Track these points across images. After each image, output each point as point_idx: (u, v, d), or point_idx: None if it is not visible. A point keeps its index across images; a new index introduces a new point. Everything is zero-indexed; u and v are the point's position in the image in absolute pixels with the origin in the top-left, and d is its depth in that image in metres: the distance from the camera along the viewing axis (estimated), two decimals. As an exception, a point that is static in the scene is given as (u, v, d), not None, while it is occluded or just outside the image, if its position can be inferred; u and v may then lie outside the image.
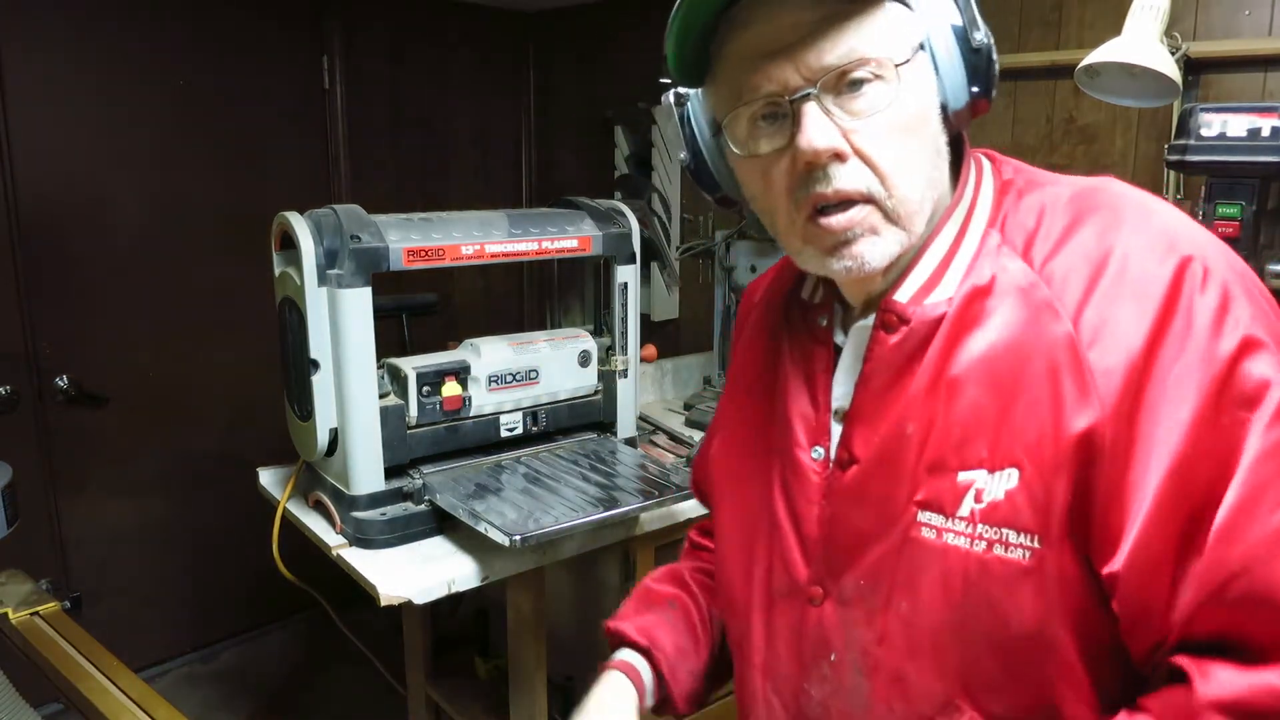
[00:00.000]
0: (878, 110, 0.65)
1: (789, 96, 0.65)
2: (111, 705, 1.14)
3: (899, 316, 0.70)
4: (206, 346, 2.60)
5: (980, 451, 0.65)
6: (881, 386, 0.71)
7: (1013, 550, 0.64)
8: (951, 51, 0.68)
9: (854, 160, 0.65)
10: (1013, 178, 0.74)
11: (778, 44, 0.65)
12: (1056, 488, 0.62)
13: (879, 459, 0.71)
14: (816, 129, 0.64)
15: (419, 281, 2.28)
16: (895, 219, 0.67)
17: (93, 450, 2.45)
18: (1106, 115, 2.10)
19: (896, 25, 0.66)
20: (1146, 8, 1.71)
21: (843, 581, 0.73)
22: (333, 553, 1.43)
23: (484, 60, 3.15)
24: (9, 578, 1.47)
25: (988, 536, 0.65)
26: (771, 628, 0.80)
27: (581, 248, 1.61)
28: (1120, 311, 0.62)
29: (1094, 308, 0.63)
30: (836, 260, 0.68)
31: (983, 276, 0.68)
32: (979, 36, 0.68)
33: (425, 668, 2.08)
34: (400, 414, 1.46)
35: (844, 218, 0.66)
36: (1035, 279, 0.66)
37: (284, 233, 1.41)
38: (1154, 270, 0.62)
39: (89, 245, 2.38)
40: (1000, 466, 0.64)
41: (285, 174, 2.71)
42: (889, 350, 0.71)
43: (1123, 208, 0.67)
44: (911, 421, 0.69)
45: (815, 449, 0.76)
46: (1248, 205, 1.60)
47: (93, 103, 2.34)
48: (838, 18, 0.64)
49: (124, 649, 1.32)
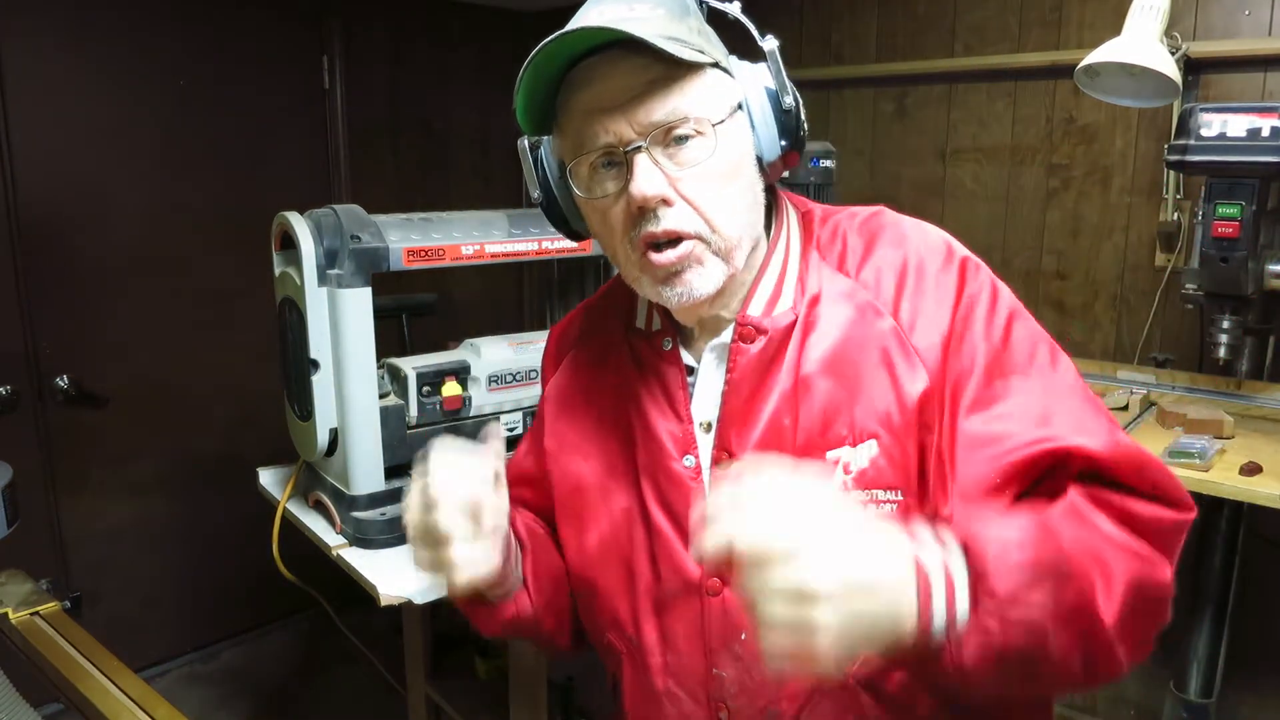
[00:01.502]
0: (699, 161, 0.76)
1: (623, 148, 0.76)
2: (111, 705, 1.14)
3: (755, 328, 0.82)
4: (206, 346, 2.60)
5: (841, 430, 0.78)
6: (749, 391, 0.82)
7: (882, 506, 0.77)
8: (764, 112, 0.80)
9: (680, 204, 0.76)
10: (810, 210, 0.89)
11: (613, 102, 0.75)
12: (908, 447, 0.77)
13: (761, 451, 0.81)
14: (645, 178, 0.75)
15: (419, 281, 2.28)
16: (719, 253, 0.78)
17: (93, 450, 2.45)
18: (1106, 115, 2.10)
19: (716, 88, 0.77)
20: (1146, 8, 1.71)
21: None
22: (333, 553, 1.43)
23: (484, 60, 3.15)
24: (9, 578, 1.47)
25: (859, 499, 0.77)
26: (668, 629, 0.86)
27: (581, 248, 1.61)
28: (928, 304, 0.79)
29: (908, 302, 0.79)
30: (669, 289, 0.79)
31: (814, 287, 0.82)
32: (788, 100, 0.80)
33: (425, 668, 2.08)
34: (400, 414, 1.46)
35: (673, 254, 0.77)
36: (854, 285, 0.82)
37: (284, 233, 1.41)
38: (943, 272, 0.80)
39: (89, 245, 2.38)
40: (860, 440, 0.78)
41: (285, 174, 2.71)
42: (752, 359, 0.82)
43: (902, 226, 0.85)
44: (785, 415, 0.80)
45: (686, 458, 0.84)
46: (1247, 205, 1.60)
47: (93, 103, 2.34)
48: (664, 82, 0.75)
49: (124, 649, 1.31)
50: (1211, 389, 1.92)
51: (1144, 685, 2.19)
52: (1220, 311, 1.72)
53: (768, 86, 0.81)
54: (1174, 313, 2.08)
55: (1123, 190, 2.13)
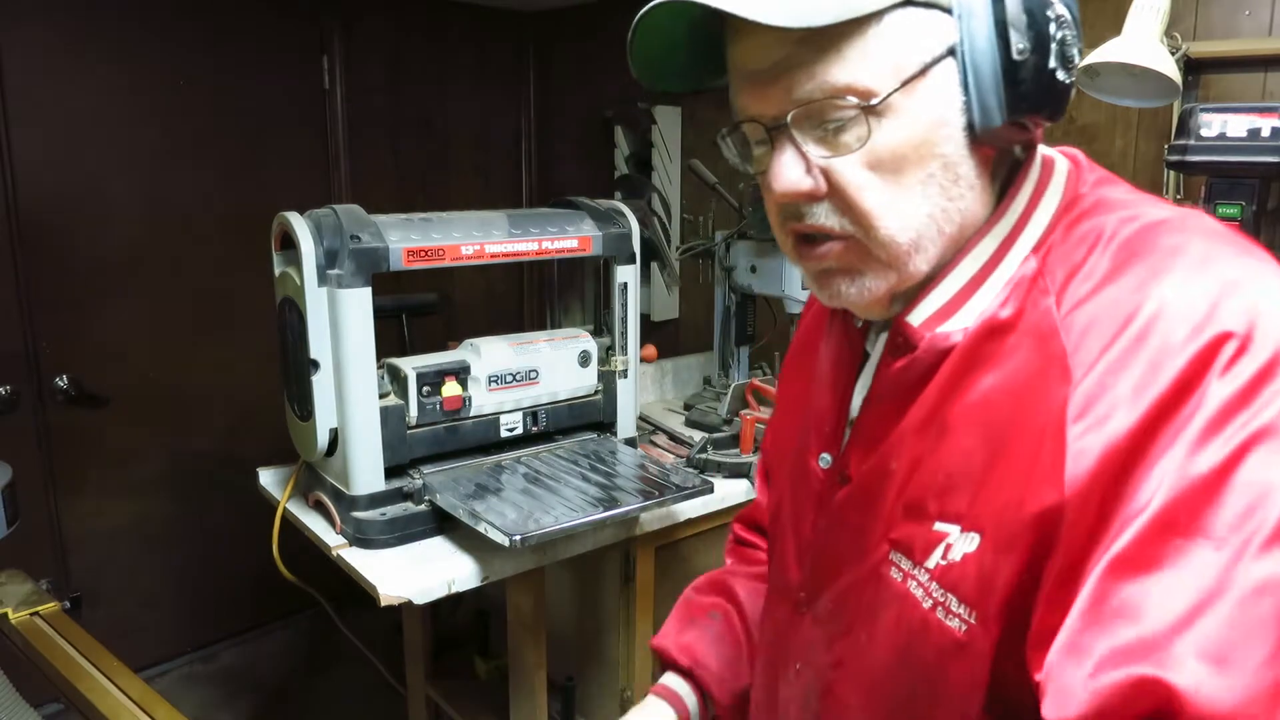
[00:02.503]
0: (856, 147, 0.58)
1: (767, 125, 0.61)
2: (111, 705, 1.14)
3: (906, 341, 0.63)
4: (206, 346, 2.60)
5: (960, 504, 0.59)
6: (883, 411, 0.66)
7: (951, 618, 0.59)
8: (981, 63, 0.57)
9: (828, 200, 0.60)
10: (1086, 193, 0.63)
11: (755, 66, 0.59)
12: (1004, 565, 0.56)
13: (864, 486, 0.67)
14: (785, 168, 0.60)
15: (419, 281, 2.28)
16: (879, 259, 0.61)
17: (93, 450, 2.45)
18: (1106, 115, 2.10)
19: (898, 40, 0.56)
20: (1146, 8, 1.71)
21: (820, 597, 0.73)
22: (333, 553, 1.43)
23: (484, 60, 3.14)
24: (9, 578, 1.47)
25: (936, 596, 0.60)
26: (772, 616, 0.81)
27: (581, 248, 1.61)
28: (1121, 384, 0.51)
29: (1097, 373, 0.53)
30: (819, 289, 0.65)
31: (1006, 311, 0.59)
32: (1019, 42, 0.56)
33: (425, 668, 2.08)
34: (400, 414, 1.46)
35: (820, 250, 0.62)
36: (1056, 326, 0.56)
37: (284, 233, 1.41)
38: (1177, 340, 0.51)
39: (89, 245, 2.37)
40: (972, 527, 0.58)
41: (285, 174, 2.71)
42: (892, 375, 0.65)
43: (1183, 251, 0.55)
44: (896, 458, 0.64)
45: (823, 455, 0.72)
46: (1248, 205, 1.60)
47: (93, 103, 2.34)
48: (816, 41, 0.56)
49: (124, 649, 1.31)
50: (1211, 389, 1.92)
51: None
52: (1220, 311, 1.71)
53: (989, 26, 0.56)
54: (1174, 313, 2.07)
55: (1123, 190, 2.12)
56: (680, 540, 1.71)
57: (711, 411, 2.06)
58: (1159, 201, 0.62)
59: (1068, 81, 0.59)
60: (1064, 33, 0.58)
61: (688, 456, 1.80)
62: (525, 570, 1.47)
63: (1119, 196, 0.62)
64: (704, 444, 1.81)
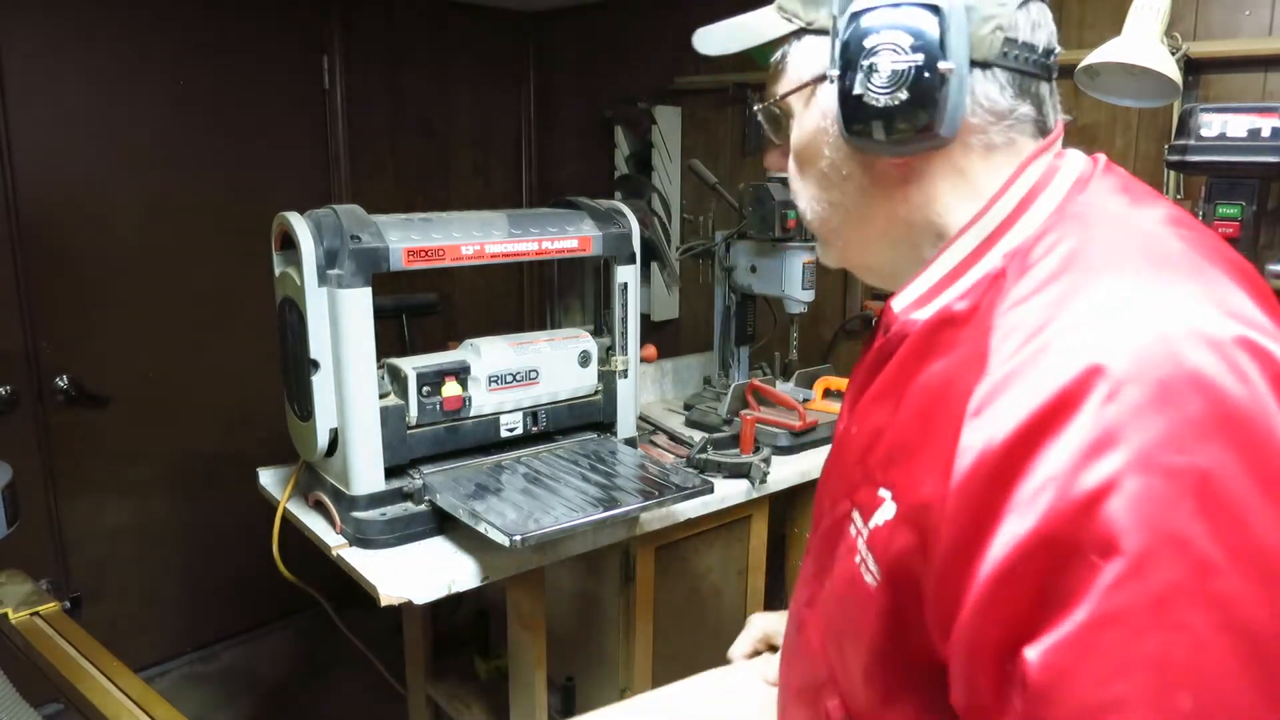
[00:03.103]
0: (786, 142, 0.76)
1: None
2: (111, 705, 1.14)
3: (885, 322, 0.70)
4: (206, 346, 2.60)
5: (895, 475, 0.62)
6: (862, 382, 0.74)
7: (868, 574, 0.63)
8: (836, 85, 0.67)
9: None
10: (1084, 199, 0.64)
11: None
12: (900, 538, 0.59)
13: (840, 446, 0.78)
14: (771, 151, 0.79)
15: (419, 281, 2.28)
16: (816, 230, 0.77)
17: (93, 450, 2.45)
18: (1106, 115, 2.10)
19: (794, 65, 0.72)
20: (1146, 8, 1.71)
21: (811, 540, 0.81)
22: (333, 553, 1.43)
23: (484, 60, 3.15)
24: (9, 578, 1.47)
25: (863, 553, 0.64)
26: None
27: (581, 248, 1.61)
28: (1012, 391, 0.52)
29: (1000, 375, 0.54)
30: None
31: (962, 305, 0.63)
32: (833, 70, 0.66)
33: (425, 668, 2.08)
34: (400, 414, 1.46)
35: None
36: (993, 324, 0.57)
37: (284, 233, 1.41)
38: (1063, 362, 0.51)
39: (89, 245, 2.38)
40: (895, 498, 0.61)
41: (285, 174, 2.71)
42: (873, 350, 0.72)
43: (1113, 264, 0.56)
44: (860, 424, 0.71)
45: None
46: (1248, 205, 1.60)
47: (93, 102, 2.34)
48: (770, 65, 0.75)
49: (124, 649, 1.32)
50: (1211, 389, 1.92)
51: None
52: (1220, 311, 1.71)
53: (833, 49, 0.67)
54: (1174, 313, 2.07)
55: (1123, 190, 2.12)
56: (680, 540, 1.71)
57: (711, 411, 2.06)
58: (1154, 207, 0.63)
59: (880, 104, 0.64)
60: (873, 60, 0.64)
61: (688, 456, 1.80)
62: (525, 570, 1.47)
63: (1107, 207, 0.63)
64: (704, 444, 1.81)
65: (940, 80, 0.62)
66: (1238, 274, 0.57)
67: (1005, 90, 0.65)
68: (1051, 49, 0.67)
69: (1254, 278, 0.59)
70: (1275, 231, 1.72)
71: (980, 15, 0.63)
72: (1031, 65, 0.65)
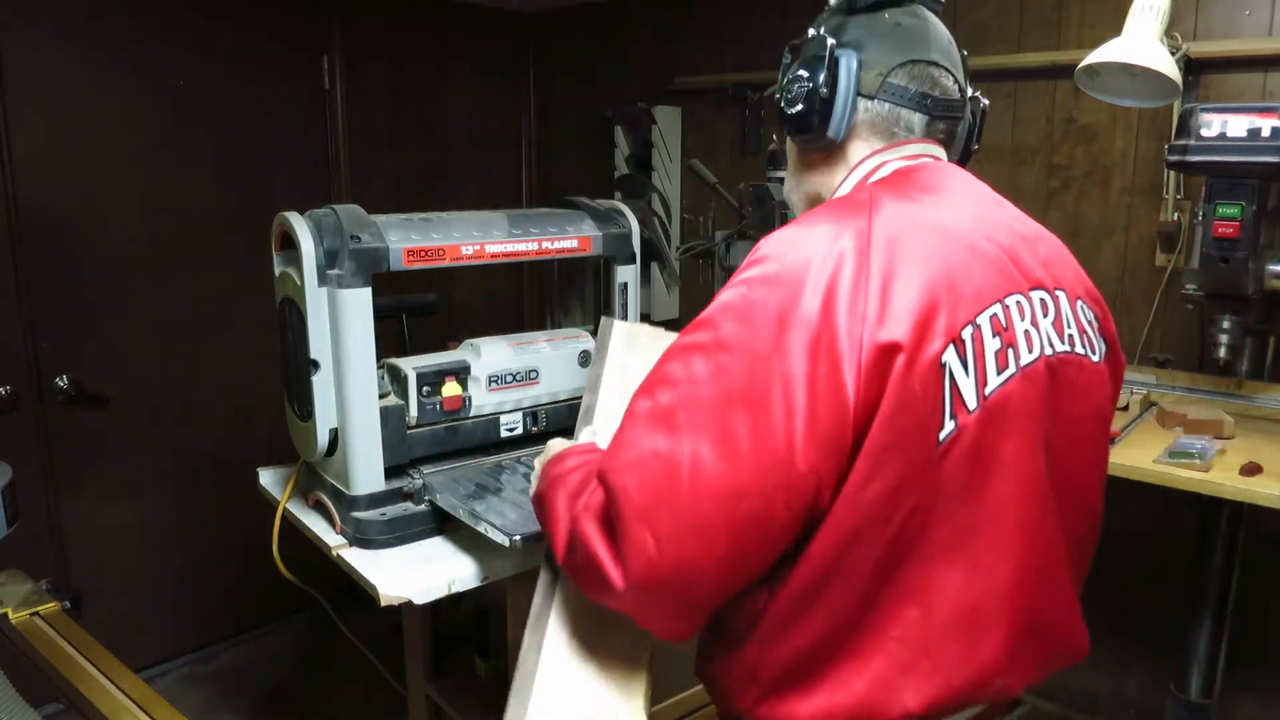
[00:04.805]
0: None
1: None
2: (111, 705, 1.14)
3: None
4: (207, 346, 2.60)
5: None
6: None
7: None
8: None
9: None
10: (867, 182, 0.97)
11: None
12: None
13: None
14: None
15: (419, 281, 2.28)
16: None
17: (93, 450, 2.45)
18: (1106, 115, 2.10)
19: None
20: (1146, 8, 1.71)
21: None
22: (333, 553, 1.43)
23: (484, 60, 3.15)
24: (9, 578, 1.47)
25: None
26: None
27: (581, 248, 1.61)
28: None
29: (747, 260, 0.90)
30: None
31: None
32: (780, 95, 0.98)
33: (425, 668, 2.08)
34: (400, 414, 1.46)
35: None
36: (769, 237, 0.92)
37: (284, 233, 1.41)
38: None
39: (89, 245, 2.38)
40: None
41: (285, 174, 2.71)
42: None
43: (811, 215, 0.90)
44: None
45: None
46: (1248, 205, 1.60)
47: (92, 102, 2.34)
48: None
49: (124, 649, 1.32)
50: (1212, 389, 1.92)
51: (1144, 685, 2.19)
52: (1221, 312, 1.72)
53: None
54: (1174, 313, 2.08)
55: (1123, 190, 2.12)
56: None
57: (711, 411, 2.05)
58: (895, 199, 0.88)
59: (791, 111, 0.96)
60: (787, 78, 0.97)
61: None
62: (525, 570, 1.47)
63: (862, 191, 0.92)
64: (704, 444, 1.80)
65: (823, 100, 0.95)
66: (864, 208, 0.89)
67: (883, 114, 0.96)
68: (927, 94, 0.95)
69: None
70: (1275, 231, 1.72)
71: (869, 64, 0.94)
72: (905, 101, 0.95)
